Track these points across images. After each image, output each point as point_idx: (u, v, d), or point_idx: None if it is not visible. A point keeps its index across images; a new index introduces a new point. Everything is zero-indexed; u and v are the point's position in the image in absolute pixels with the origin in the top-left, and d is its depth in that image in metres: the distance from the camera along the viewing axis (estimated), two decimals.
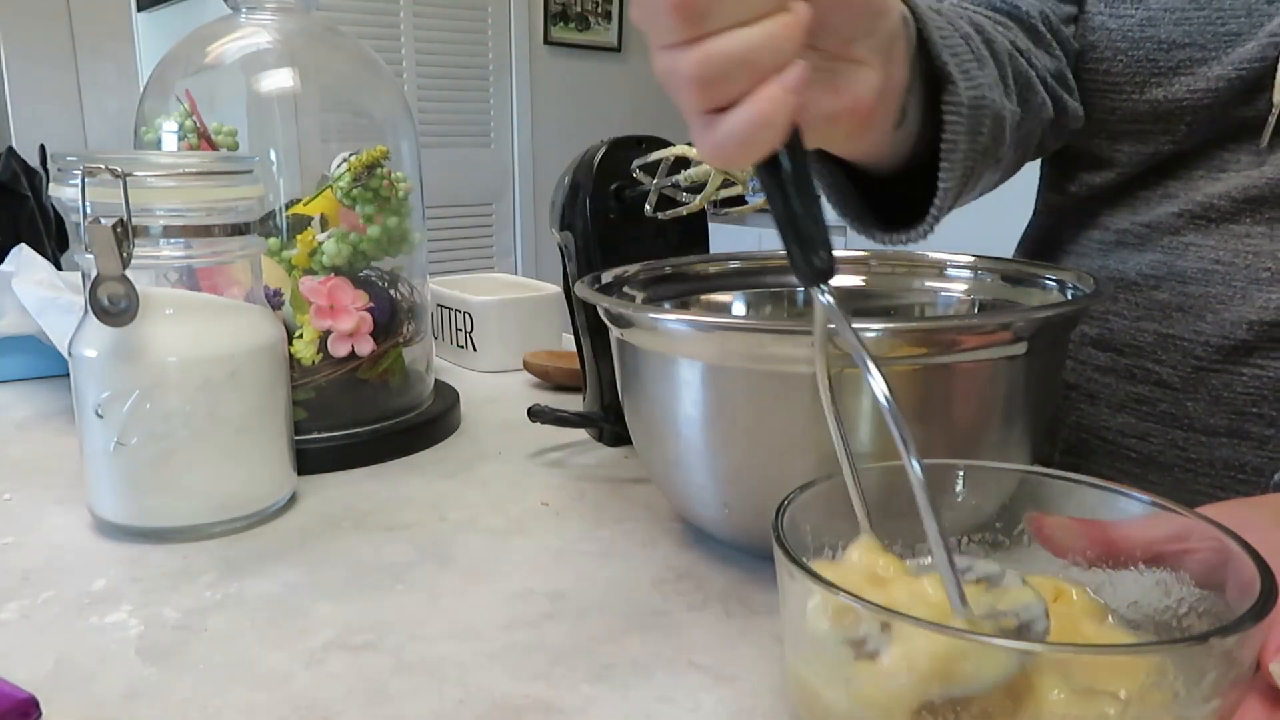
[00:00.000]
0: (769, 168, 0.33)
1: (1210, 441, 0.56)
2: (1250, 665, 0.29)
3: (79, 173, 0.48)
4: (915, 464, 0.31)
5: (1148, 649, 0.28)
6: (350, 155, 0.65)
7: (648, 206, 0.62)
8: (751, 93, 0.31)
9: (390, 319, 0.68)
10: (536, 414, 0.63)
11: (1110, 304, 0.59)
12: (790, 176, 0.33)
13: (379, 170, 0.65)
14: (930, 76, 0.45)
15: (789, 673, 0.35)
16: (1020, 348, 0.44)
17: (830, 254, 0.33)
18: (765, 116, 0.31)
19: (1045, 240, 0.67)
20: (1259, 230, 0.52)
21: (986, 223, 1.11)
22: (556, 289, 0.93)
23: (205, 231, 0.53)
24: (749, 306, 0.64)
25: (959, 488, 0.40)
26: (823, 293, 0.34)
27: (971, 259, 0.60)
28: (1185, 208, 0.55)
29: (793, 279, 0.64)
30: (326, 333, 0.64)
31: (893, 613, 0.29)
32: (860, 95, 0.37)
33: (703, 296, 0.63)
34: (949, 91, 0.45)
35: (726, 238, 2.85)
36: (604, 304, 0.49)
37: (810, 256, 0.33)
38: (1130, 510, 0.36)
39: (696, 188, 0.61)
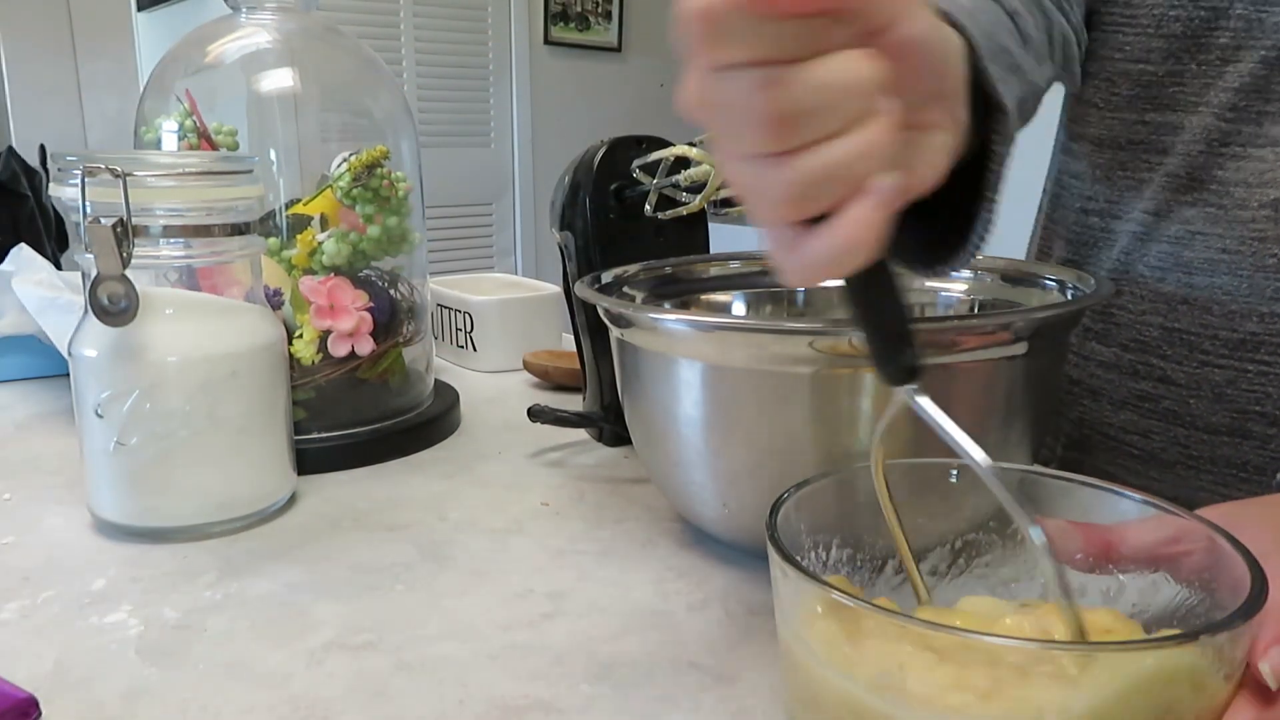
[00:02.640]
0: (852, 275, 0.31)
1: (1212, 440, 0.56)
2: (1240, 663, 0.29)
3: (79, 172, 0.48)
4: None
5: (1139, 647, 0.28)
6: (350, 155, 0.65)
7: (648, 206, 0.62)
8: (843, 208, 0.29)
9: (390, 319, 0.68)
10: (536, 414, 0.63)
11: (1114, 298, 0.59)
12: (875, 278, 0.31)
13: (379, 170, 0.65)
14: (974, 88, 0.40)
15: (783, 670, 0.35)
16: (1020, 348, 0.44)
17: (917, 352, 0.32)
18: (859, 239, 0.28)
19: (1051, 226, 0.66)
20: (1264, 215, 0.52)
21: None
22: (556, 289, 0.93)
23: (205, 231, 0.53)
24: (749, 306, 0.64)
25: (955, 487, 0.40)
26: (913, 394, 0.32)
27: None
28: (1190, 190, 0.55)
29: None
30: (326, 333, 0.64)
31: (884, 610, 0.29)
32: (937, 165, 0.34)
33: (703, 296, 0.63)
34: (999, 121, 0.41)
35: (726, 238, 2.84)
36: (604, 304, 0.49)
37: (898, 356, 0.32)
38: (1126, 510, 0.36)
39: (696, 188, 0.61)
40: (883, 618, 0.29)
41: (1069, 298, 0.52)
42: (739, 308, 0.64)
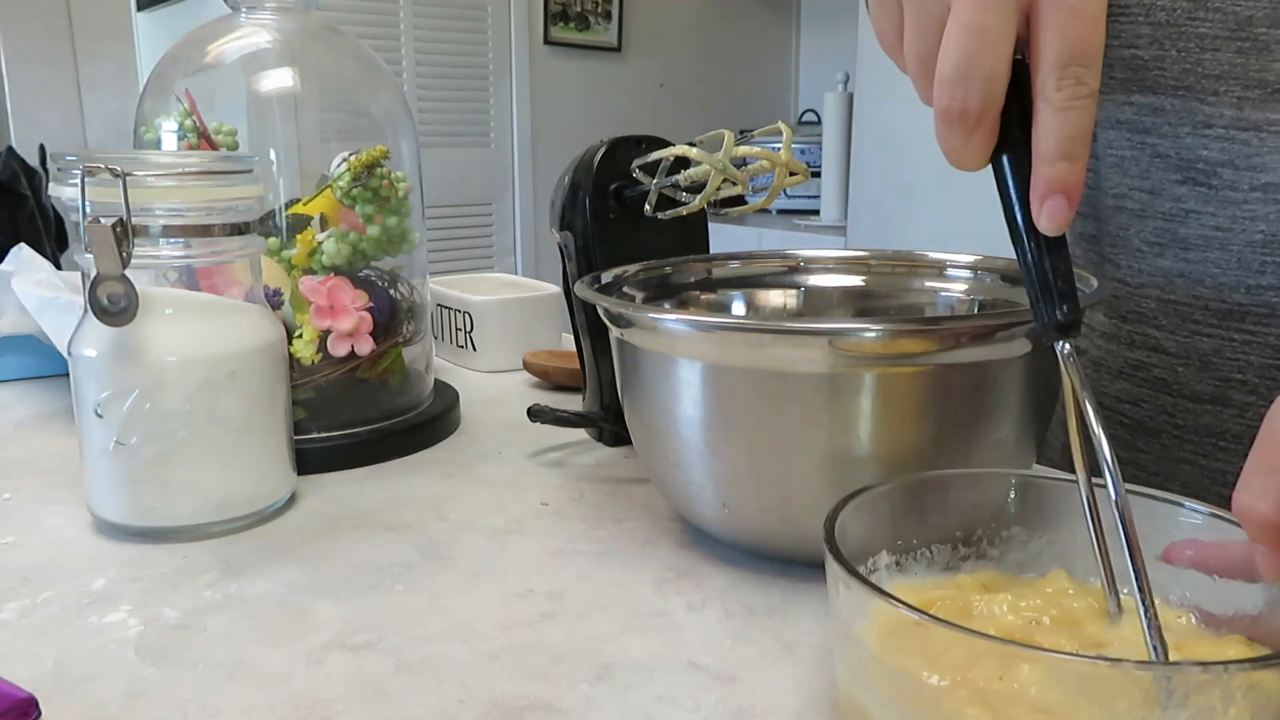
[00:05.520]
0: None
1: (1196, 408, 0.58)
2: None
3: (79, 172, 0.48)
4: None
5: (1239, 669, 0.26)
6: (350, 155, 0.65)
7: (648, 206, 0.62)
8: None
9: (390, 319, 0.68)
10: (536, 414, 0.63)
11: (1114, 270, 0.60)
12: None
13: (379, 170, 0.65)
14: None
15: (839, 689, 0.34)
16: (1020, 348, 0.44)
17: (1077, 309, 0.35)
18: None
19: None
20: (1255, 196, 0.53)
21: (987, 222, 1.10)
22: (556, 289, 0.93)
23: (205, 231, 0.53)
24: (749, 306, 0.64)
25: (951, 491, 0.40)
26: (1064, 349, 0.35)
27: (971, 259, 0.60)
28: (1178, 170, 0.56)
29: (794, 278, 0.64)
30: (326, 332, 0.64)
31: (952, 625, 0.28)
32: None
33: (703, 296, 0.63)
34: None
35: (726, 238, 2.85)
36: (604, 304, 0.49)
37: (1055, 310, 0.35)
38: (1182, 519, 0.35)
39: (696, 188, 0.61)
40: (951, 632, 0.28)
41: None
42: (739, 308, 0.64)
